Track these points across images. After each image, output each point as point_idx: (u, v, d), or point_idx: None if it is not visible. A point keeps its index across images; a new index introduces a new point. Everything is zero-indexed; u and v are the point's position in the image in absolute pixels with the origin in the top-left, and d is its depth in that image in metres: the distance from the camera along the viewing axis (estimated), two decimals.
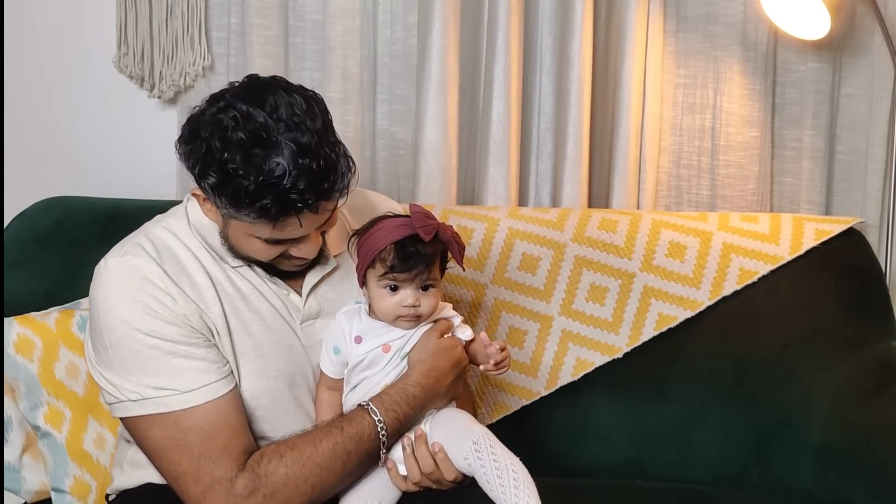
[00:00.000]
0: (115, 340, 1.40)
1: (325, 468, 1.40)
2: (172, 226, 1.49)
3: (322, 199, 1.35)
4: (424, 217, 1.43)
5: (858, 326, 2.01)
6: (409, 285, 1.43)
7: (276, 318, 1.50)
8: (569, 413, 2.00)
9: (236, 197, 1.33)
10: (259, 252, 1.43)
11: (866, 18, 2.28)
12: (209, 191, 1.36)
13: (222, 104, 1.35)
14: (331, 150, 1.34)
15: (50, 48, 2.29)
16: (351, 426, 1.42)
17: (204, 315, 1.43)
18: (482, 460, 1.39)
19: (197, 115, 1.37)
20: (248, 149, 1.31)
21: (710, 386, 1.99)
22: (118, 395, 1.42)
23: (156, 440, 1.41)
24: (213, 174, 1.33)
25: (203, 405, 1.40)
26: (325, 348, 1.49)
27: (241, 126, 1.31)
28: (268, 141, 1.31)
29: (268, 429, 1.48)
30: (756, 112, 2.30)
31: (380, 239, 1.43)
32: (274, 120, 1.32)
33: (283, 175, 1.30)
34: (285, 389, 1.49)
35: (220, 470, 1.38)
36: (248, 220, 1.36)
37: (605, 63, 2.29)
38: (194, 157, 1.35)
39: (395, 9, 2.28)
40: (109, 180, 2.28)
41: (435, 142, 2.23)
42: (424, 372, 1.46)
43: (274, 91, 1.35)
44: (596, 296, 2.03)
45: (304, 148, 1.31)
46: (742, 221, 2.11)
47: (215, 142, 1.32)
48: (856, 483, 1.76)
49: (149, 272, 1.42)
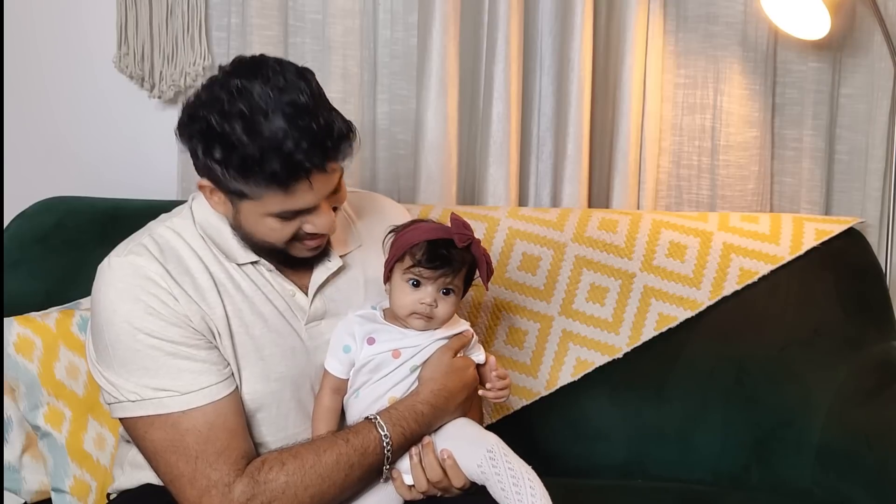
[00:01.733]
0: (115, 339, 1.40)
1: (326, 479, 1.39)
2: (177, 225, 1.49)
3: (328, 157, 1.35)
4: (463, 227, 1.49)
5: (859, 326, 2.01)
6: (432, 284, 1.46)
7: (279, 319, 1.49)
8: (569, 413, 2.00)
9: (244, 167, 1.33)
10: (274, 232, 1.41)
11: (866, 18, 2.28)
12: (217, 167, 1.35)
13: (216, 84, 1.36)
14: (328, 112, 1.36)
15: (50, 48, 2.29)
16: (357, 438, 1.41)
17: (206, 316, 1.43)
18: (497, 468, 1.39)
19: (192, 100, 1.38)
20: (248, 118, 1.32)
21: (711, 386, 1.99)
22: (117, 396, 1.41)
23: (154, 441, 1.40)
24: (218, 149, 1.33)
25: (202, 407, 1.39)
26: (333, 346, 1.48)
27: (238, 99, 1.33)
28: (265, 108, 1.32)
29: (268, 432, 1.47)
30: (756, 112, 2.30)
31: (416, 235, 1.47)
32: (269, 88, 1.33)
33: (286, 137, 1.31)
34: (286, 392, 1.48)
35: (217, 473, 1.37)
36: (258, 193, 1.35)
37: (605, 63, 2.29)
38: (196, 138, 1.36)
39: (395, 9, 2.28)
40: (109, 180, 2.28)
41: (435, 142, 2.23)
42: (435, 391, 1.46)
43: (263, 64, 1.37)
44: (596, 296, 2.03)
45: (302, 109, 1.33)
46: (742, 221, 2.11)
47: (215, 117, 1.33)
48: (856, 483, 1.76)
49: (151, 271, 1.41)
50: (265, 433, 1.47)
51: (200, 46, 2.24)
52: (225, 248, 1.47)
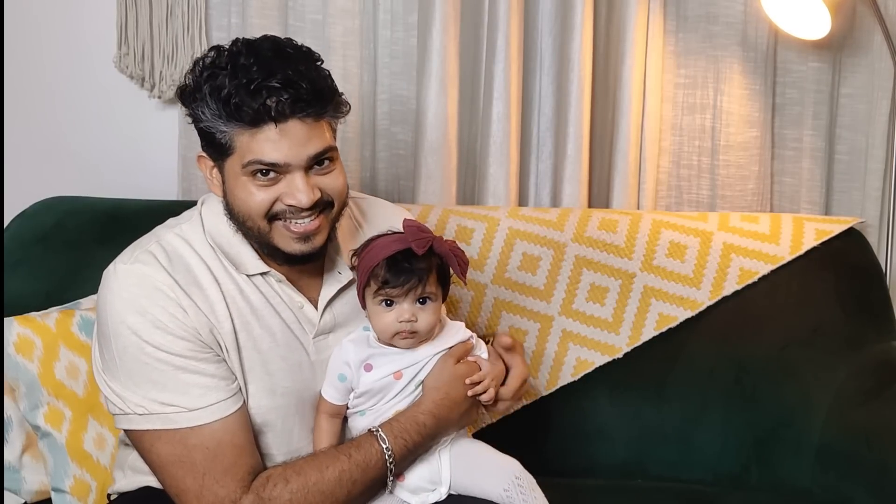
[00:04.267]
0: (122, 350, 1.39)
1: (329, 495, 1.38)
2: (186, 232, 1.47)
3: (297, 107, 1.35)
4: (418, 231, 1.43)
5: (858, 326, 2.01)
6: (404, 300, 1.41)
7: (286, 333, 1.47)
8: (569, 413, 2.00)
9: (221, 101, 1.35)
10: (252, 198, 1.39)
11: (866, 18, 2.28)
12: (204, 110, 1.37)
13: (207, 56, 1.40)
14: (314, 67, 1.39)
15: (50, 48, 2.29)
16: (359, 453, 1.40)
17: (214, 329, 1.41)
18: (525, 495, 1.41)
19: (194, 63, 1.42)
20: (236, 61, 1.36)
21: (711, 386, 1.99)
22: (123, 408, 1.40)
23: (160, 455, 1.39)
24: (207, 95, 1.36)
25: (210, 424, 1.38)
26: (329, 375, 1.46)
27: (227, 55, 1.38)
28: (253, 55, 1.36)
29: (273, 444, 1.47)
30: (756, 112, 2.30)
31: (373, 256, 1.42)
32: (261, 40, 1.39)
33: (258, 75, 1.34)
34: (292, 407, 1.47)
35: (224, 490, 1.37)
36: (230, 136, 1.36)
37: (605, 63, 2.29)
38: (192, 95, 1.39)
39: (395, 9, 2.28)
40: (109, 180, 2.28)
41: (435, 142, 2.23)
42: (437, 400, 1.45)
43: (256, 39, 1.42)
44: (596, 296, 2.03)
45: (285, 55, 1.37)
46: (742, 221, 2.11)
47: (206, 73, 1.37)
48: (856, 483, 1.76)
49: (159, 282, 1.39)
50: (270, 445, 1.47)
51: (201, 46, 2.24)
52: (234, 257, 1.46)
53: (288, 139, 1.35)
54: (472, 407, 1.50)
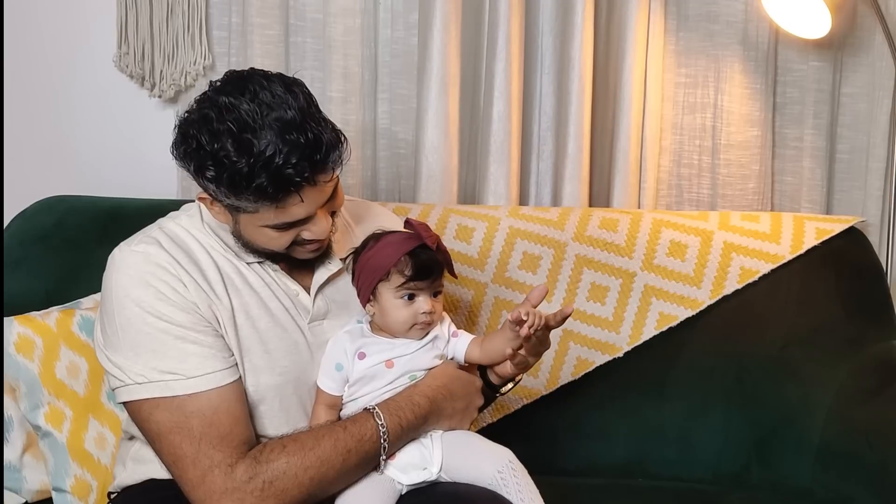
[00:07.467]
0: (126, 322, 1.42)
1: (325, 462, 1.41)
2: (186, 223, 1.52)
3: (316, 171, 1.37)
4: (426, 228, 1.49)
5: (859, 326, 2.01)
6: (426, 293, 1.47)
7: (284, 315, 1.51)
8: (569, 412, 2.00)
9: (233, 183, 1.35)
10: (272, 241, 1.44)
11: (867, 17, 2.28)
12: (209, 185, 1.39)
13: (205, 101, 1.39)
14: (317, 124, 1.38)
15: (50, 47, 2.29)
16: (354, 426, 1.44)
17: (213, 306, 1.45)
18: (518, 479, 1.44)
19: (184, 118, 1.41)
20: (237, 135, 1.34)
21: (711, 385, 1.99)
22: (123, 378, 1.43)
23: (158, 423, 1.42)
24: (209, 168, 1.36)
25: (207, 392, 1.41)
26: (325, 365, 1.50)
27: (226, 116, 1.35)
28: (253, 125, 1.35)
29: (269, 425, 1.49)
30: (757, 111, 2.30)
31: (392, 252, 1.46)
32: (256, 104, 1.36)
33: (275, 153, 1.33)
34: (289, 387, 1.50)
35: (220, 454, 1.39)
36: (250, 207, 1.38)
37: (605, 62, 2.29)
38: (189, 157, 1.39)
39: (395, 8, 2.28)
40: (109, 180, 2.28)
41: (436, 141, 2.23)
42: (435, 387, 1.49)
43: (252, 79, 1.39)
44: (597, 295, 2.03)
45: (289, 124, 1.35)
46: (743, 220, 2.11)
47: (204, 136, 1.36)
48: (857, 482, 1.76)
49: (162, 259, 1.45)
50: (267, 426, 1.49)
51: (201, 46, 2.25)
52: (233, 247, 1.51)
53: (310, 197, 1.39)
54: (467, 409, 1.54)
